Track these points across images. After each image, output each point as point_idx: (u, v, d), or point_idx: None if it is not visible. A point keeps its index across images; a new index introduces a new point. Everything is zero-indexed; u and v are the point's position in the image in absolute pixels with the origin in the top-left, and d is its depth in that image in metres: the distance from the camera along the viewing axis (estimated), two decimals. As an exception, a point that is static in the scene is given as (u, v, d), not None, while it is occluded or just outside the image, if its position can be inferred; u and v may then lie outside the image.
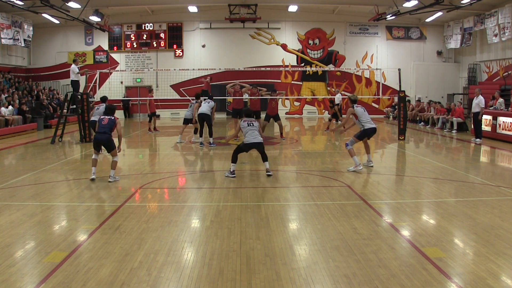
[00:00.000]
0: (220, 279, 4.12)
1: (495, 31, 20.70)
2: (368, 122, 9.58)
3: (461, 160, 11.69)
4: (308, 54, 26.85)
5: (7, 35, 21.02)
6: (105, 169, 10.17)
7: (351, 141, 9.59)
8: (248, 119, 9.26)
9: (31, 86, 23.55)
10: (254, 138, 9.01)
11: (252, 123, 9.18)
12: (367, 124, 9.57)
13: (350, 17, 26.08)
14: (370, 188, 7.92)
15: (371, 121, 9.66)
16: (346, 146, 9.56)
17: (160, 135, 17.08)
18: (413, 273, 4.19)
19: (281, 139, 14.85)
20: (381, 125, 21.15)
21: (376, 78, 25.90)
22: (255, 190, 7.84)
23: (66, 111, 15.71)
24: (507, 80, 20.26)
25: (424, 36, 26.65)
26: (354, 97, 9.96)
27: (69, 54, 26.15)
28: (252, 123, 9.18)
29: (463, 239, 5.25)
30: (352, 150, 9.47)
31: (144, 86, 26.79)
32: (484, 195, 7.35)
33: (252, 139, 8.99)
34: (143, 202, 7.14)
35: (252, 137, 9.01)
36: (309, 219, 5.99)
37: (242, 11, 22.86)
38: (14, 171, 9.72)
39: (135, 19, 25.84)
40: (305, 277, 4.14)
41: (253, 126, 9.12)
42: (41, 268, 4.36)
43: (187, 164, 11.08)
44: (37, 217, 6.12)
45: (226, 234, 5.35)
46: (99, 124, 8.83)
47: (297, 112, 27.20)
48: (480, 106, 14.16)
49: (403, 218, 6.08)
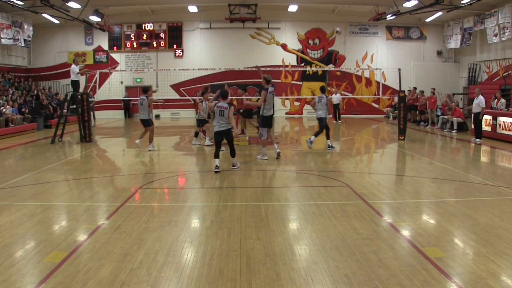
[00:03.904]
0: (220, 279, 4.12)
1: (495, 31, 20.69)
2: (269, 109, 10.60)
3: (461, 160, 11.68)
4: (308, 54, 26.85)
5: (7, 35, 21.02)
6: (105, 169, 10.18)
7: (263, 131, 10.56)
8: (221, 106, 9.19)
9: (31, 86, 23.56)
10: (221, 126, 9.18)
11: (223, 111, 9.14)
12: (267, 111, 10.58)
13: (350, 17, 26.08)
14: (370, 188, 7.92)
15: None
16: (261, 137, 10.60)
17: (160, 135, 17.07)
18: (413, 273, 4.19)
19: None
20: (381, 125, 21.16)
21: (376, 78, 25.89)
22: (255, 190, 7.83)
23: (66, 111, 15.71)
24: (507, 80, 20.25)
25: (424, 36, 26.65)
26: (269, 77, 10.62)
27: (69, 54, 26.15)
28: (223, 111, 9.14)
29: (463, 239, 5.24)
30: (266, 141, 10.56)
31: (144, 86, 26.78)
32: (484, 195, 7.35)
33: (218, 126, 9.20)
34: (143, 202, 7.13)
35: (219, 125, 9.19)
36: (309, 219, 5.99)
37: (242, 11, 22.87)
38: (14, 171, 9.72)
39: (135, 19, 25.84)
40: (305, 277, 4.14)
41: (223, 116, 9.14)
42: (41, 268, 4.36)
43: (187, 164, 11.09)
44: (37, 217, 6.12)
45: (226, 234, 5.35)
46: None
47: (297, 112, 27.20)
48: (481, 106, 14.16)
49: (403, 218, 6.08)
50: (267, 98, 10.37)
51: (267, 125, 10.60)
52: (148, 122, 12.45)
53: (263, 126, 10.63)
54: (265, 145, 10.70)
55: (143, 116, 12.42)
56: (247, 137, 15.29)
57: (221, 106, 9.21)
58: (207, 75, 24.99)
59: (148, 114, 12.44)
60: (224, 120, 9.16)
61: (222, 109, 9.15)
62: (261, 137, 10.70)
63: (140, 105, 12.45)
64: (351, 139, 16.07)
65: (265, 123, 10.58)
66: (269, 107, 10.56)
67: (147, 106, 12.37)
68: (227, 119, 9.15)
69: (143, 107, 12.37)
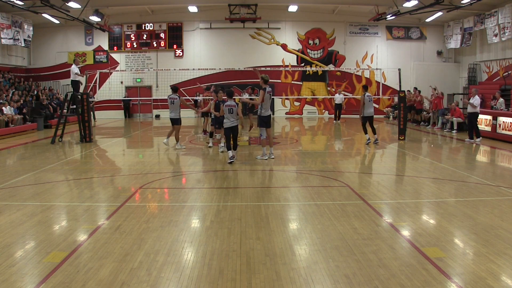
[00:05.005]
0: (220, 279, 4.12)
1: (495, 31, 20.69)
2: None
3: (461, 160, 11.68)
4: (308, 54, 26.85)
5: (7, 35, 21.02)
6: (105, 169, 10.18)
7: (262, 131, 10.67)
8: (229, 104, 10.17)
9: (31, 86, 23.56)
10: (231, 122, 10.22)
11: (232, 109, 10.16)
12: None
13: (350, 17, 26.08)
14: (370, 188, 7.92)
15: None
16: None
17: (160, 135, 17.07)
18: (413, 273, 4.19)
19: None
20: (381, 125, 21.17)
21: (376, 78, 25.88)
22: (255, 190, 7.84)
23: (66, 111, 15.71)
24: (507, 80, 20.25)
25: (424, 36, 26.64)
26: (266, 77, 10.66)
27: (69, 54, 26.15)
28: (232, 109, 10.16)
29: (463, 239, 5.24)
30: (265, 140, 10.68)
31: (144, 86, 26.81)
32: (484, 195, 7.35)
33: (229, 123, 10.23)
34: (143, 202, 7.13)
35: (229, 122, 10.22)
36: (309, 219, 5.98)
37: (242, 11, 22.87)
38: (14, 171, 9.72)
39: (135, 19, 25.84)
40: (305, 277, 4.14)
41: (232, 113, 10.17)
42: (41, 268, 4.36)
43: (187, 164, 11.08)
44: (37, 217, 6.12)
45: (226, 234, 5.35)
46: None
47: (297, 112, 27.20)
48: (474, 105, 14.09)
49: (403, 218, 6.08)
50: (264, 98, 10.40)
51: (265, 125, 10.61)
52: (178, 121, 12.66)
53: (261, 126, 10.66)
54: (265, 145, 10.72)
55: (174, 115, 12.62)
56: (248, 136, 15.30)
57: (229, 104, 10.17)
58: (207, 75, 24.99)
59: (179, 113, 12.64)
60: (234, 116, 10.20)
61: (230, 107, 10.14)
62: (261, 137, 10.72)
63: (171, 104, 12.58)
64: (351, 139, 16.07)
65: (263, 122, 10.59)
66: (266, 107, 10.57)
67: (179, 105, 12.53)
68: (236, 115, 10.20)
69: (174, 106, 12.53)
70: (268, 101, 10.57)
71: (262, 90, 10.42)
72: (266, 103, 10.51)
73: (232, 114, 10.20)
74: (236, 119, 10.27)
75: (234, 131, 10.42)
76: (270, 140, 11.04)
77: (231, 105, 10.17)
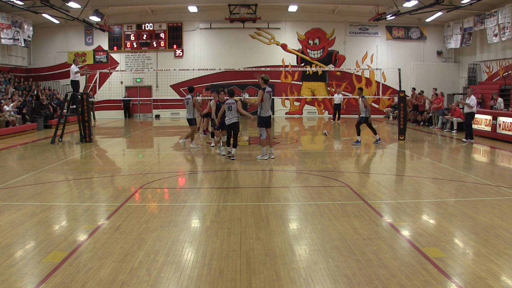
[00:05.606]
0: (220, 279, 4.12)
1: (495, 31, 20.69)
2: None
3: (461, 160, 11.68)
4: (308, 54, 26.84)
5: (7, 35, 21.02)
6: (105, 169, 10.18)
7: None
8: (229, 102, 10.52)
9: (31, 86, 23.54)
10: (231, 120, 10.49)
11: (231, 106, 10.49)
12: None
13: (350, 17, 26.07)
14: (370, 188, 7.92)
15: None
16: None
17: (160, 135, 17.07)
18: (413, 273, 4.19)
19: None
20: (381, 125, 21.16)
21: (376, 78, 25.90)
22: (255, 190, 7.83)
23: (66, 111, 15.71)
24: (507, 80, 20.25)
25: (424, 36, 26.64)
26: (266, 77, 10.73)
27: (69, 54, 26.15)
28: (231, 106, 10.49)
29: (463, 239, 5.24)
30: (265, 140, 10.73)
31: (144, 86, 26.81)
32: (484, 195, 7.35)
33: (229, 120, 10.52)
34: (143, 202, 7.13)
35: (229, 119, 10.51)
36: (309, 219, 5.98)
37: (242, 11, 22.87)
38: (14, 171, 9.72)
39: (135, 19, 25.83)
40: (305, 277, 4.14)
41: (231, 110, 10.50)
42: (41, 268, 4.36)
43: (187, 164, 11.09)
44: (37, 217, 6.12)
45: (226, 234, 5.35)
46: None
47: (297, 112, 27.20)
48: (470, 106, 14.09)
49: (403, 218, 6.08)
50: (264, 98, 10.39)
51: (265, 125, 10.57)
52: (191, 121, 12.74)
53: (260, 126, 10.65)
54: (265, 145, 10.72)
55: (188, 115, 12.74)
56: (248, 136, 15.29)
57: (228, 102, 10.54)
58: (207, 75, 24.99)
59: (193, 113, 12.73)
60: (233, 114, 10.48)
61: (229, 105, 10.50)
62: (261, 137, 10.72)
63: (186, 104, 12.73)
64: (351, 139, 16.07)
65: (262, 122, 10.57)
66: (266, 107, 10.54)
67: (192, 105, 12.64)
68: (236, 112, 10.48)
69: (188, 107, 12.67)
70: (268, 101, 10.55)
71: (262, 90, 10.42)
72: (266, 103, 10.49)
73: (231, 111, 10.48)
74: (235, 116, 10.51)
75: (234, 128, 10.61)
76: (270, 140, 11.02)
77: (230, 102, 10.49)
